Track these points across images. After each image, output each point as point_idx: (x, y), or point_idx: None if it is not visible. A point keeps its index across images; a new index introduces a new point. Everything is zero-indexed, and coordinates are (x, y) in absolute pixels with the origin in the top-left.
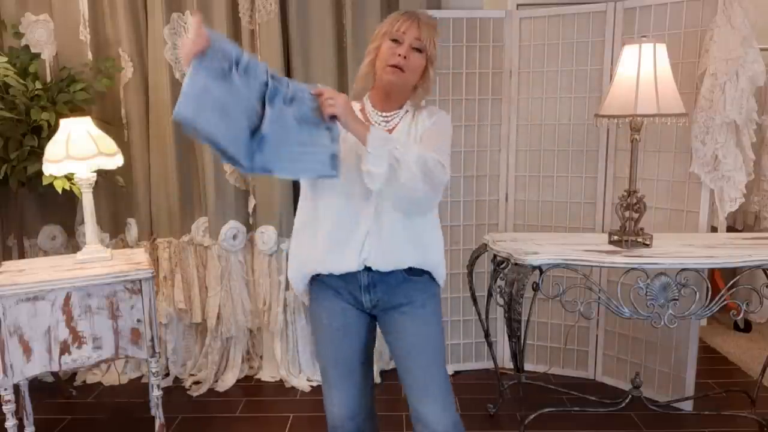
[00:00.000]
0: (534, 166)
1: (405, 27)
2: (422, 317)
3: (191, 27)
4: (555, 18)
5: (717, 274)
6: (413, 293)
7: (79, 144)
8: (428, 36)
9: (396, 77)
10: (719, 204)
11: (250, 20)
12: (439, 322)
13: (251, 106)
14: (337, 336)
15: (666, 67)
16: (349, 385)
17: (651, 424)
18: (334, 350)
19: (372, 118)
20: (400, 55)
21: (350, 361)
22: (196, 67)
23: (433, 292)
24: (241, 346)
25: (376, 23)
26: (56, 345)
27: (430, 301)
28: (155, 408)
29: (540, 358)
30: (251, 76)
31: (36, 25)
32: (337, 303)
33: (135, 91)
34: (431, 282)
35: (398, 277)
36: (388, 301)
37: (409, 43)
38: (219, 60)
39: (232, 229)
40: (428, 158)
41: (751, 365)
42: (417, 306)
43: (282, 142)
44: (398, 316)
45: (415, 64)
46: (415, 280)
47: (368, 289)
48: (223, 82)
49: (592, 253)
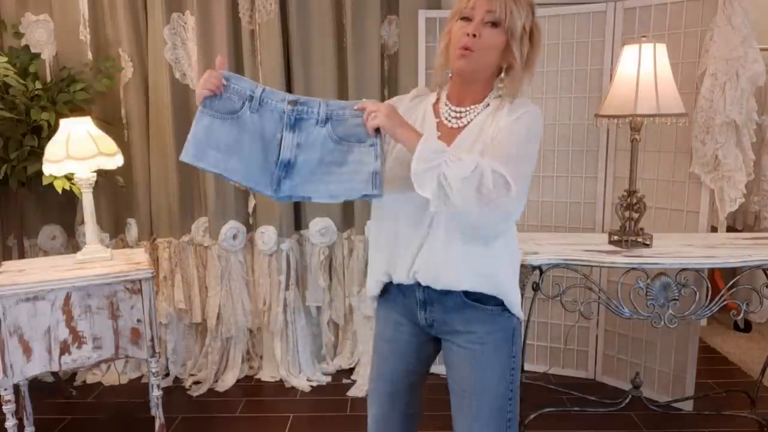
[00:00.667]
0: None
1: (476, 1)
2: (478, 356)
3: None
4: (555, 18)
5: (717, 274)
6: (474, 323)
7: (79, 144)
8: (504, 4)
9: (465, 61)
10: (719, 204)
11: (250, 20)
12: (502, 365)
13: (270, 138)
14: (384, 348)
15: (666, 67)
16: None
17: (651, 424)
18: (378, 361)
19: (443, 115)
20: (469, 34)
21: (391, 380)
22: (202, 110)
23: (501, 326)
24: (241, 346)
25: (376, 23)
26: (56, 345)
27: (493, 337)
28: (155, 408)
29: (540, 358)
30: (267, 108)
31: (36, 25)
32: (393, 315)
33: (135, 91)
34: (502, 313)
35: (456, 300)
36: (444, 323)
37: (480, 18)
38: (231, 100)
39: (232, 229)
40: (485, 173)
41: (751, 365)
42: (474, 341)
43: (314, 165)
44: (453, 347)
45: (488, 42)
46: (477, 306)
47: (424, 306)
48: (232, 121)
49: (592, 253)
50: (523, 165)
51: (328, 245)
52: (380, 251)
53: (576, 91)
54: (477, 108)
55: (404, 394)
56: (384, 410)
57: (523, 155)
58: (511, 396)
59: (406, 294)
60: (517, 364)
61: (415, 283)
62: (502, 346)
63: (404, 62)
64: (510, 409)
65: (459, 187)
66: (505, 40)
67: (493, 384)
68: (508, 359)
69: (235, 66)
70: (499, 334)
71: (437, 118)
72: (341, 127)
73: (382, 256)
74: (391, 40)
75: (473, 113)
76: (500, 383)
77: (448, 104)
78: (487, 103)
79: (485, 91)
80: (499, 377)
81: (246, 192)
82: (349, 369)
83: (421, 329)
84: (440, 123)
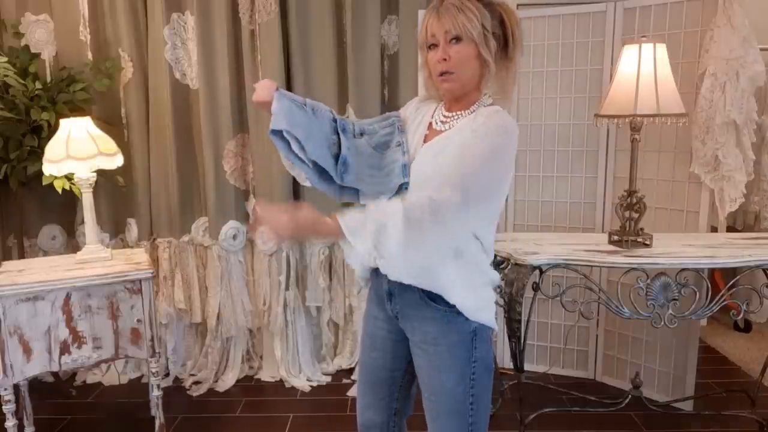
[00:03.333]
0: (534, 166)
1: (430, 27)
2: (432, 357)
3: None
4: (555, 18)
5: (717, 274)
6: (428, 322)
7: (79, 144)
8: (455, 19)
9: (451, 84)
10: (719, 204)
11: (250, 20)
12: (459, 368)
13: (327, 136)
14: (365, 341)
15: (666, 67)
16: (371, 398)
17: (651, 424)
18: (362, 351)
19: (434, 118)
20: (440, 60)
21: (374, 374)
22: (280, 95)
23: (455, 329)
24: (241, 346)
25: (376, 23)
26: (56, 345)
27: (446, 340)
28: (155, 408)
29: (540, 358)
30: (318, 113)
31: (36, 25)
32: (372, 308)
33: (135, 91)
34: (457, 317)
35: (414, 295)
36: (405, 317)
37: (443, 40)
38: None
39: (232, 229)
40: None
41: (751, 365)
42: (429, 341)
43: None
44: (413, 348)
45: (460, 58)
46: (433, 306)
47: (390, 297)
48: (303, 109)
49: (592, 253)
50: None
51: (328, 245)
52: None
53: (576, 91)
54: (464, 113)
55: (385, 386)
56: (367, 401)
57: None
58: (472, 401)
59: (381, 284)
60: (482, 369)
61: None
62: (457, 350)
63: (404, 62)
64: (472, 414)
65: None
66: (474, 48)
67: (450, 387)
68: (466, 363)
69: (235, 66)
70: (453, 337)
71: (430, 120)
72: (374, 138)
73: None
74: (391, 40)
75: (457, 119)
76: (458, 386)
77: (441, 110)
78: (473, 110)
79: (475, 98)
80: (456, 381)
81: (246, 192)
82: (349, 369)
83: (394, 324)
84: (430, 125)
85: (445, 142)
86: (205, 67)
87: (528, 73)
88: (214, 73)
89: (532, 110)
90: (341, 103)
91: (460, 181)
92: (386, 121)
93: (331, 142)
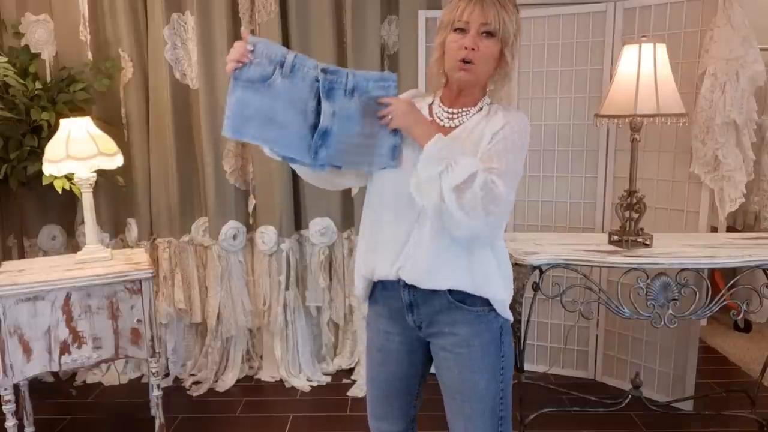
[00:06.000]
0: (534, 166)
1: (468, 12)
2: (466, 360)
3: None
4: (555, 18)
5: (717, 274)
6: (459, 325)
7: (79, 144)
8: (498, 15)
9: (468, 74)
10: (719, 204)
11: (250, 20)
12: (491, 366)
13: (303, 105)
14: (376, 358)
15: (666, 67)
16: (386, 409)
17: (651, 424)
18: (371, 369)
19: (435, 114)
20: (467, 47)
21: (386, 387)
22: (234, 82)
23: (487, 328)
24: (241, 346)
25: (376, 23)
26: (56, 345)
27: (479, 340)
28: (155, 408)
29: (540, 358)
30: (298, 75)
31: (36, 25)
32: (381, 323)
33: (135, 91)
34: (488, 314)
35: (442, 301)
36: (431, 325)
37: (475, 30)
38: (261, 65)
39: (232, 229)
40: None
41: (751, 365)
42: (461, 344)
43: (346, 134)
44: (440, 351)
45: (487, 53)
46: (463, 308)
47: (411, 308)
48: (264, 90)
49: (592, 253)
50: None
51: (328, 245)
52: (365, 241)
53: (576, 91)
54: (470, 111)
55: (402, 396)
56: (382, 412)
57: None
58: (502, 396)
59: (393, 297)
60: (508, 363)
61: (401, 283)
62: (489, 348)
63: (404, 62)
64: (502, 408)
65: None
66: (500, 49)
67: (483, 386)
68: (496, 360)
69: None
70: (486, 336)
71: (431, 118)
72: (364, 99)
73: (367, 247)
74: (391, 40)
75: (466, 115)
76: (490, 385)
77: (441, 106)
78: (480, 107)
79: (480, 95)
80: (488, 379)
81: (246, 192)
82: (349, 369)
83: (411, 334)
84: (433, 122)
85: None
86: (205, 67)
87: (528, 73)
88: (214, 73)
89: (532, 110)
90: None
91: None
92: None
93: (309, 110)
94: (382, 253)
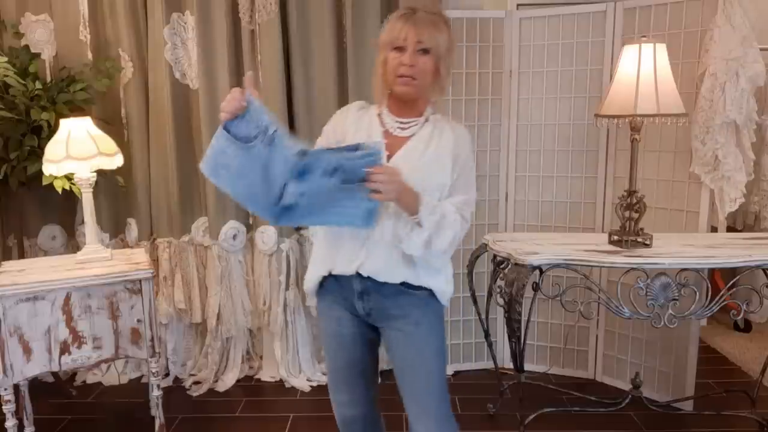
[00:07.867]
0: (534, 166)
1: (404, 32)
2: (417, 337)
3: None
4: (555, 18)
5: (717, 274)
6: (408, 308)
7: (79, 144)
8: (430, 34)
9: (408, 88)
10: (719, 204)
11: (250, 20)
12: (436, 341)
13: (274, 178)
14: (332, 344)
15: (666, 67)
16: (347, 392)
17: (651, 424)
18: (330, 357)
19: (387, 125)
20: (406, 64)
21: (345, 370)
22: (221, 129)
23: (431, 309)
24: (241, 346)
25: (377, 23)
26: (56, 345)
27: (426, 319)
28: (155, 408)
29: (540, 358)
30: (277, 149)
31: (36, 25)
32: (334, 310)
33: (135, 91)
34: (431, 298)
35: (392, 288)
36: (382, 311)
37: (412, 48)
38: (249, 126)
39: (232, 229)
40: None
41: (751, 365)
42: (410, 323)
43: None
44: (392, 332)
45: (424, 68)
46: (410, 293)
47: (361, 296)
48: (243, 150)
49: (592, 253)
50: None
51: None
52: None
53: (576, 91)
54: (418, 121)
55: (361, 379)
56: (345, 398)
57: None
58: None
59: (344, 286)
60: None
61: (355, 274)
62: (435, 327)
63: None
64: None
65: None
66: (435, 63)
67: (431, 360)
68: (441, 340)
69: (235, 66)
70: (431, 316)
71: (383, 127)
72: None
73: (327, 247)
74: None
75: (415, 126)
76: (437, 359)
77: (390, 116)
78: (426, 117)
79: (422, 107)
80: (435, 354)
81: None
82: None
83: (361, 321)
84: (386, 132)
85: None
86: (205, 67)
87: (528, 73)
88: (214, 73)
89: (532, 110)
90: (341, 103)
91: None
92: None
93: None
94: (343, 253)
